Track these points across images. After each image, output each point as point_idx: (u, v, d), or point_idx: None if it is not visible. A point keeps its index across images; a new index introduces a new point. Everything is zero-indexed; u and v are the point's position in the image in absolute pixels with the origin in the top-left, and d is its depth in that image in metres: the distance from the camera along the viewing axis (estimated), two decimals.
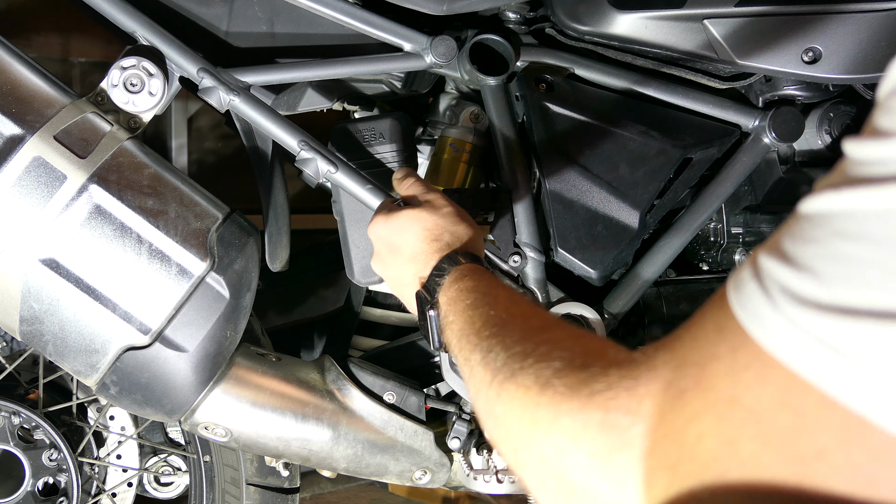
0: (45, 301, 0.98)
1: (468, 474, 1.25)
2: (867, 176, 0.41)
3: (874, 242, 0.39)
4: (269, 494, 1.29)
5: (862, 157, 0.42)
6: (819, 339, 0.40)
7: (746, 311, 0.44)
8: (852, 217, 0.41)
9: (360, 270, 1.26)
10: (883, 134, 0.41)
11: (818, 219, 0.42)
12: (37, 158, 0.96)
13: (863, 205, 0.40)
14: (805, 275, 0.41)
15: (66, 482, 1.26)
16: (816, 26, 1.13)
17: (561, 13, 1.19)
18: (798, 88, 1.26)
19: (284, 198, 1.25)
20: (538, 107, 1.21)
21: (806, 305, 0.40)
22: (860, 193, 0.40)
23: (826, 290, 0.40)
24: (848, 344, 0.39)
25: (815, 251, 0.41)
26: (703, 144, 1.25)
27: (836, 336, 0.39)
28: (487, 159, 1.33)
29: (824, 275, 0.40)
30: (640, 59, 1.25)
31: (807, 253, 0.42)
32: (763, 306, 0.43)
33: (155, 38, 1.10)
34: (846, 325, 0.39)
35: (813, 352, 0.40)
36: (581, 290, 1.24)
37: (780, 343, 0.41)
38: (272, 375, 1.13)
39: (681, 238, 1.26)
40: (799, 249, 0.42)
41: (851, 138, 0.43)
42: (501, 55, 1.22)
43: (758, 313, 0.43)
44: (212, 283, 1.03)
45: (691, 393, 0.45)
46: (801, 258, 0.42)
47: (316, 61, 1.19)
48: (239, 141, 1.23)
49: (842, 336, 0.39)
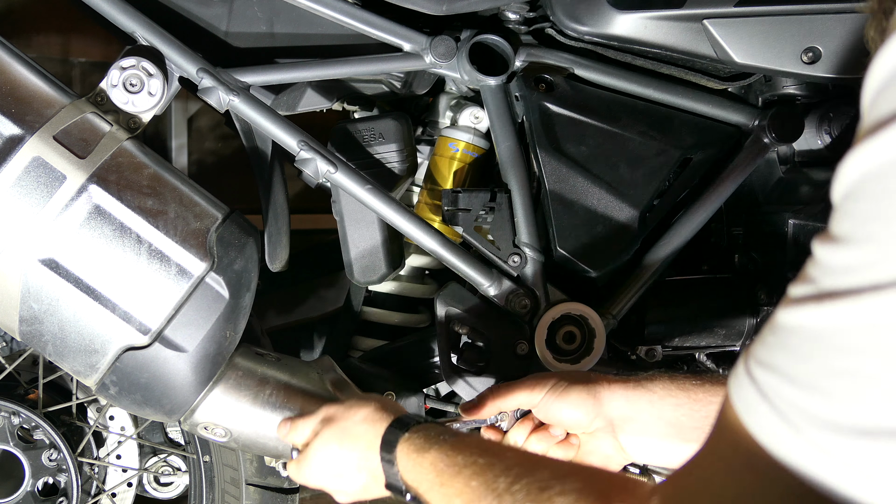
0: (45, 301, 0.98)
1: None
2: (841, 288, 0.42)
3: (867, 356, 0.41)
4: (268, 494, 1.29)
5: (831, 264, 0.43)
6: (847, 464, 0.41)
7: (769, 436, 0.44)
8: (840, 332, 0.42)
9: (360, 270, 1.26)
10: (844, 240, 0.43)
11: (808, 334, 0.44)
12: (36, 159, 0.96)
13: (846, 320, 0.42)
14: (815, 395, 0.42)
15: (66, 482, 1.26)
16: (816, 26, 1.13)
17: (560, 13, 1.19)
18: (798, 88, 1.26)
19: (284, 198, 1.24)
20: (538, 107, 1.21)
21: (825, 428, 0.41)
22: (841, 307, 0.42)
23: (838, 410, 0.41)
24: (872, 466, 0.40)
25: (816, 368, 0.43)
26: (703, 144, 1.25)
27: (860, 458, 0.40)
28: (487, 159, 1.33)
29: (831, 392, 0.42)
30: (640, 59, 1.24)
31: (808, 370, 0.43)
32: (784, 433, 0.43)
33: (154, 39, 1.10)
34: (866, 446, 0.40)
35: (846, 477, 0.41)
36: (581, 290, 1.24)
37: (814, 471, 0.42)
38: (272, 375, 1.13)
39: (681, 238, 1.26)
40: (798, 366, 0.43)
41: (818, 240, 0.45)
42: (501, 55, 1.22)
43: (781, 440, 0.43)
44: (211, 283, 1.03)
45: None
46: (804, 376, 0.43)
47: (316, 61, 1.19)
48: (239, 141, 1.23)
49: (865, 458, 0.40)
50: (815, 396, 0.42)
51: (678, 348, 1.34)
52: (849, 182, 0.43)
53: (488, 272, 1.19)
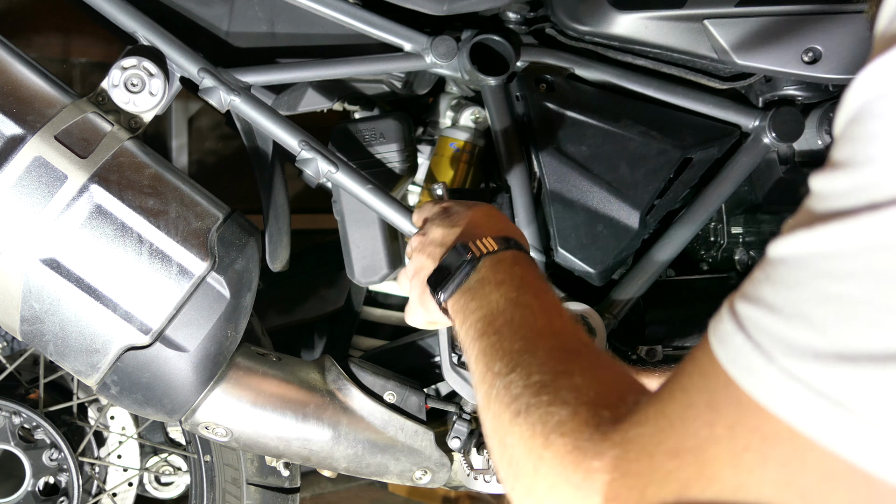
0: (46, 301, 0.98)
1: (468, 474, 1.25)
2: (836, 210, 0.40)
3: (859, 279, 0.38)
4: (269, 494, 1.29)
5: (827, 191, 0.41)
6: (821, 392, 0.38)
7: (739, 369, 0.41)
8: (832, 256, 0.39)
9: (361, 270, 1.26)
10: (843, 164, 0.41)
11: (796, 261, 0.41)
12: (38, 158, 0.96)
13: (840, 242, 0.39)
14: (795, 322, 0.39)
15: (67, 482, 1.26)
16: (816, 26, 1.13)
17: (561, 13, 1.19)
18: (798, 88, 1.26)
19: (285, 198, 1.25)
20: (538, 107, 1.21)
21: (803, 356, 0.39)
22: (834, 229, 0.39)
23: (821, 337, 0.38)
24: (851, 395, 0.37)
25: (801, 295, 0.40)
26: (703, 144, 1.25)
27: (838, 388, 0.37)
28: (487, 159, 1.33)
29: (816, 319, 0.39)
30: (640, 59, 1.25)
31: (792, 298, 0.40)
32: (757, 361, 0.40)
33: (155, 39, 1.10)
34: (847, 373, 0.37)
35: (817, 409, 0.38)
36: (581, 290, 1.24)
37: (782, 400, 0.39)
38: (273, 375, 1.13)
39: (681, 238, 1.26)
40: (782, 296, 0.41)
41: (815, 173, 0.42)
42: (501, 55, 1.22)
43: (753, 369, 0.40)
44: (212, 282, 1.03)
45: (695, 486, 0.42)
46: (788, 305, 0.40)
47: (316, 61, 1.19)
48: (239, 141, 1.23)
49: (844, 387, 0.37)
50: (796, 324, 0.39)
51: (678, 348, 1.34)
52: (854, 106, 0.41)
53: None
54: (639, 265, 1.26)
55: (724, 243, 1.41)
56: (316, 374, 1.17)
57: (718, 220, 1.40)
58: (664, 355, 1.32)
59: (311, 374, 1.17)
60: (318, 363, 1.21)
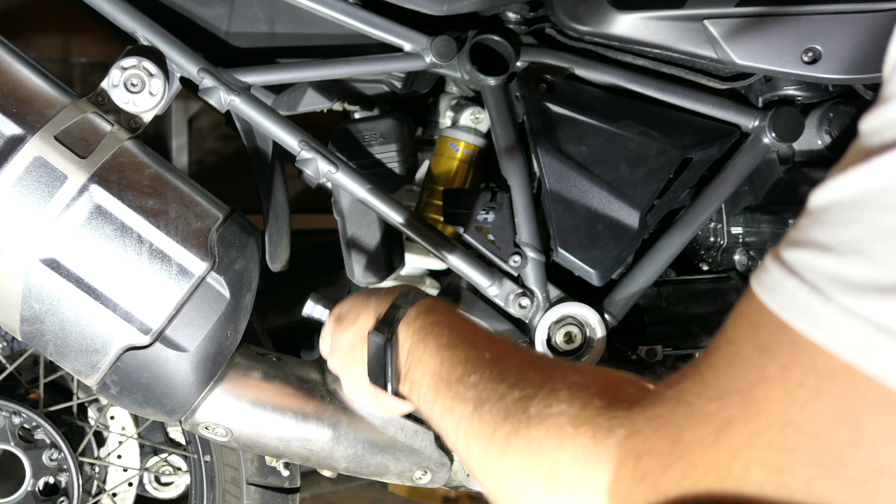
0: (46, 301, 0.98)
1: (468, 474, 1.25)
2: (888, 141, 0.38)
3: None
4: (269, 494, 1.29)
5: (877, 126, 0.40)
6: (882, 326, 0.36)
7: (793, 312, 0.40)
8: (888, 189, 0.38)
9: (361, 270, 1.26)
10: (891, 98, 0.39)
11: (851, 199, 0.39)
12: (37, 158, 0.96)
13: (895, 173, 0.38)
14: (853, 258, 0.38)
15: (67, 482, 1.26)
16: (816, 26, 1.13)
17: (561, 13, 1.19)
18: (798, 88, 1.26)
19: (285, 198, 1.25)
20: (538, 107, 1.21)
21: (863, 291, 0.37)
22: (889, 159, 0.38)
23: (882, 270, 0.37)
24: None
25: (858, 232, 0.38)
26: (703, 144, 1.25)
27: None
28: (487, 159, 1.33)
29: (875, 254, 0.37)
30: (640, 59, 1.25)
31: (848, 235, 0.39)
32: (813, 302, 0.39)
33: (155, 39, 1.10)
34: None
35: (878, 342, 0.36)
36: (581, 290, 1.24)
37: (840, 338, 0.38)
38: (273, 375, 1.13)
39: (681, 238, 1.26)
40: (837, 235, 0.39)
41: (865, 116, 0.41)
42: (501, 55, 1.22)
43: (808, 311, 0.39)
44: (212, 282, 1.03)
45: (738, 422, 0.41)
46: (844, 243, 0.39)
47: (316, 61, 1.19)
48: (239, 141, 1.23)
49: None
50: (854, 261, 0.38)
51: (678, 348, 1.34)
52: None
53: (489, 272, 1.19)
54: (639, 265, 1.26)
55: (724, 243, 1.41)
56: (316, 373, 1.17)
57: (718, 221, 1.40)
58: (664, 355, 1.32)
59: (311, 374, 1.17)
60: (319, 363, 1.20)
